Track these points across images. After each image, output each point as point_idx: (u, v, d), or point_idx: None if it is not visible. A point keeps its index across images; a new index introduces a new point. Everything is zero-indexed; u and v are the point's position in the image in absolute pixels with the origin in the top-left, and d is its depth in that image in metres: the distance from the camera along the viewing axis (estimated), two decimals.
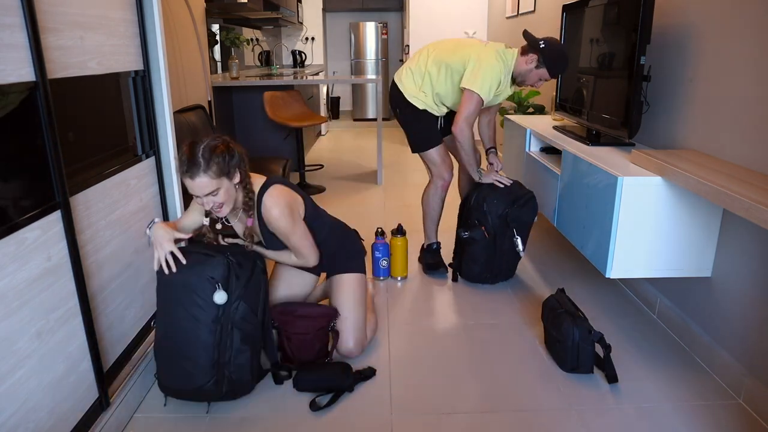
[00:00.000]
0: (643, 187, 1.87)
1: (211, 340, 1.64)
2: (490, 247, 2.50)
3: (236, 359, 1.70)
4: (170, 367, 1.69)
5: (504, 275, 2.62)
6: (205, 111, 3.43)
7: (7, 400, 1.20)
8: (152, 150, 1.98)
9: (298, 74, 5.34)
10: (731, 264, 1.84)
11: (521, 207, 2.45)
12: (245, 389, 1.77)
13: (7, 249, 1.19)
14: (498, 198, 2.46)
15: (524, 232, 2.51)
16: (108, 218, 1.66)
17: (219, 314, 1.65)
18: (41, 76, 1.29)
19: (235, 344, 1.69)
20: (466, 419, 1.70)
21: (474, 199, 2.53)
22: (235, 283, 1.66)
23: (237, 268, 1.67)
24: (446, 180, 2.63)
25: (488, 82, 2.32)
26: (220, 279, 1.63)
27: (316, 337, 1.91)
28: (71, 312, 1.44)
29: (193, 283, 1.63)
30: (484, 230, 2.48)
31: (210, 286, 1.62)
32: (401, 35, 8.41)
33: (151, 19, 1.91)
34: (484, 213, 2.47)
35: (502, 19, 5.42)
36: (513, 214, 2.44)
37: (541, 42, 2.32)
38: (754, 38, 1.70)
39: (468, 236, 2.51)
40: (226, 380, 1.68)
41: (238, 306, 1.68)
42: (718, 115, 1.88)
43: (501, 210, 2.45)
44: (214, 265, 1.64)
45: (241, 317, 1.69)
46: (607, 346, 1.85)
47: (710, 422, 1.67)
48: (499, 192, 2.48)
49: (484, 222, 2.48)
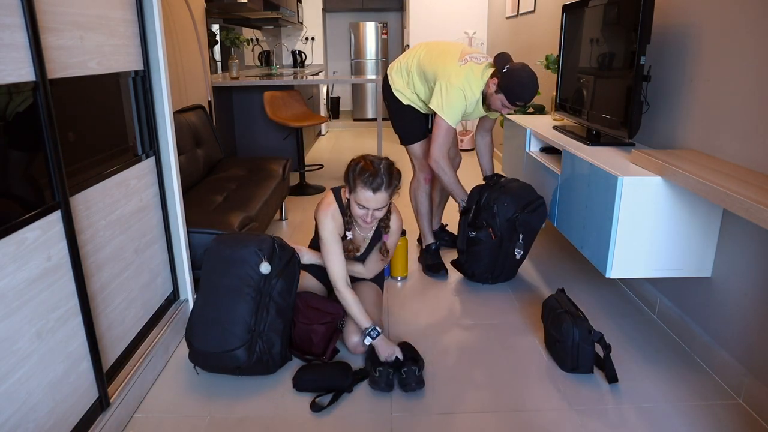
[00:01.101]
0: (643, 187, 1.87)
1: (251, 306, 1.82)
2: (495, 250, 2.48)
3: (269, 331, 1.85)
4: (207, 330, 1.83)
5: (505, 277, 2.62)
6: (205, 111, 3.43)
7: (7, 400, 1.20)
8: (152, 150, 1.98)
9: (298, 74, 5.34)
10: (731, 264, 1.84)
11: (531, 212, 2.41)
12: (270, 367, 1.88)
13: (7, 249, 1.19)
14: (509, 201, 2.41)
15: (530, 238, 2.48)
16: (108, 218, 1.66)
17: (261, 285, 1.84)
18: (41, 76, 1.29)
19: (270, 315, 1.86)
20: (466, 419, 1.70)
21: (485, 198, 2.49)
22: (277, 260, 1.88)
23: (280, 249, 1.91)
24: (428, 174, 2.68)
25: (453, 108, 2.37)
26: (266, 252, 1.85)
27: (314, 330, 1.94)
28: (71, 312, 1.44)
29: (244, 255, 1.85)
30: (491, 232, 2.44)
31: (257, 258, 1.84)
32: (401, 35, 8.41)
33: (151, 19, 1.91)
34: (493, 214, 2.43)
35: (502, 19, 5.42)
36: (522, 218, 2.39)
37: (505, 67, 2.28)
38: (754, 38, 1.70)
39: (475, 236, 2.49)
40: (256, 349, 1.83)
41: (277, 282, 1.87)
42: (718, 115, 1.88)
43: (511, 213, 2.40)
44: (262, 240, 1.88)
45: (279, 292, 1.88)
46: (607, 346, 1.85)
47: (710, 422, 1.67)
48: (510, 194, 2.43)
49: (491, 223, 2.44)
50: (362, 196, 1.83)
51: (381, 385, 1.79)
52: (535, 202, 2.44)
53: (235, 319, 1.80)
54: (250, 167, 3.30)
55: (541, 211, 2.45)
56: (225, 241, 1.93)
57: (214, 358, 1.81)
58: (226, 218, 2.39)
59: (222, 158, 3.47)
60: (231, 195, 2.78)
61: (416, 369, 1.79)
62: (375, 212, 1.86)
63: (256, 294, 1.83)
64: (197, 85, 3.60)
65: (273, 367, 1.89)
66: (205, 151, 3.19)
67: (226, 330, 1.79)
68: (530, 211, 2.41)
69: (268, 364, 1.86)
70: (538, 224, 2.45)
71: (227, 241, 1.92)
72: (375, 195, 1.81)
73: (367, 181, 1.80)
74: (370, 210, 1.85)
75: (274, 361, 1.88)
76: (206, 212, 2.47)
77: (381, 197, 1.83)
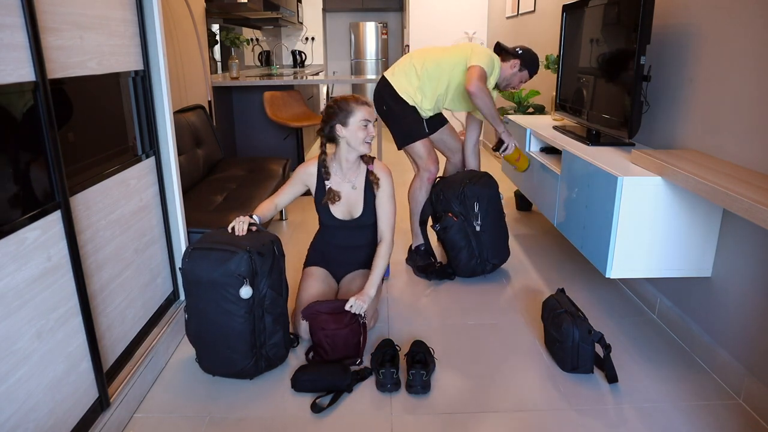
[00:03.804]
0: (643, 187, 1.87)
1: (247, 328, 1.78)
2: (464, 229, 2.59)
3: (270, 339, 1.86)
4: (210, 354, 1.85)
5: (496, 256, 2.63)
6: (205, 111, 3.43)
7: (7, 400, 1.20)
8: (152, 150, 1.98)
9: (298, 74, 5.34)
10: (731, 264, 1.84)
11: (475, 183, 2.58)
12: (281, 359, 1.94)
13: (7, 249, 1.19)
14: (451, 184, 2.62)
15: (493, 205, 2.61)
16: (108, 218, 1.66)
17: (251, 304, 1.77)
18: (41, 76, 1.29)
19: (268, 327, 1.84)
20: (466, 419, 1.70)
21: (433, 197, 2.69)
22: (259, 275, 1.78)
23: (259, 260, 1.77)
24: (432, 172, 2.73)
25: (487, 60, 2.53)
26: (246, 274, 1.73)
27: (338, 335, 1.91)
28: (71, 312, 1.44)
29: (220, 280, 1.73)
30: (451, 216, 2.58)
31: (237, 281, 1.73)
32: (401, 35, 8.41)
33: (151, 19, 1.91)
34: (443, 200, 2.62)
35: (502, 19, 5.42)
36: (469, 190, 2.57)
37: (517, 49, 2.66)
38: (754, 38, 1.70)
39: (440, 227, 2.61)
40: (263, 359, 1.86)
41: (266, 293, 1.81)
42: (718, 115, 1.88)
43: (457, 190, 2.58)
44: (238, 262, 1.73)
45: (270, 302, 1.83)
46: (607, 346, 1.85)
47: (710, 422, 1.67)
48: (450, 180, 2.66)
49: (448, 208, 2.60)
50: (364, 112, 2.06)
51: (387, 386, 1.80)
52: (477, 175, 2.64)
53: (236, 344, 1.79)
54: (250, 167, 3.30)
55: (487, 180, 2.62)
56: (197, 262, 1.75)
57: (226, 374, 1.88)
58: (226, 218, 2.38)
59: (222, 158, 3.47)
60: (231, 195, 2.78)
61: (424, 373, 1.79)
62: (371, 125, 2.09)
63: (247, 313, 1.77)
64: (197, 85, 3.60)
65: (285, 358, 1.95)
66: (205, 151, 3.19)
67: (229, 353, 1.80)
68: (474, 182, 2.58)
69: (280, 359, 1.93)
70: (490, 190, 2.61)
71: (200, 262, 1.75)
72: (369, 107, 2.10)
73: (358, 100, 2.07)
74: (371, 122, 2.08)
75: (281, 355, 1.93)
76: (206, 212, 2.47)
77: (372, 108, 2.12)
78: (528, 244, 3.08)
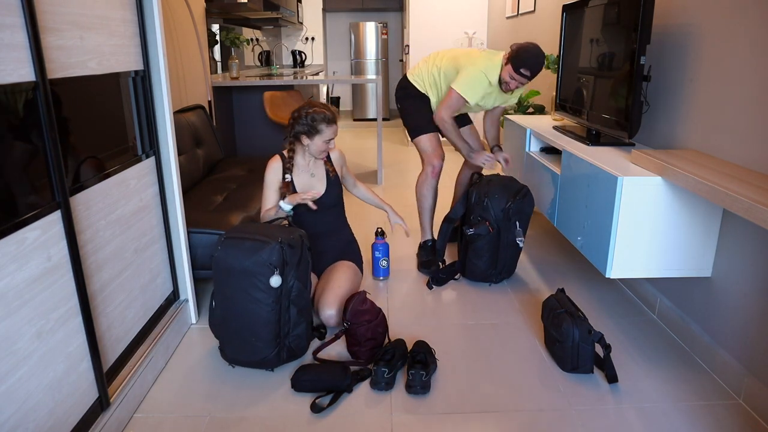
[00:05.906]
0: (643, 187, 1.87)
1: (273, 317, 1.84)
2: (495, 242, 2.54)
3: (294, 330, 1.91)
4: (235, 342, 1.89)
5: (507, 271, 2.63)
6: (205, 111, 3.43)
7: (7, 400, 1.20)
8: (152, 150, 1.98)
9: (298, 74, 5.33)
10: (731, 264, 1.84)
11: (521, 199, 2.52)
12: (302, 351, 1.99)
13: (7, 249, 1.19)
14: (499, 193, 2.52)
15: (525, 223, 2.57)
16: (108, 218, 1.66)
17: (279, 294, 1.83)
18: (41, 76, 1.29)
19: (292, 318, 1.90)
20: (467, 419, 1.70)
21: (474, 196, 2.58)
22: (289, 265, 1.84)
23: (289, 251, 1.84)
24: (435, 167, 2.76)
25: (469, 85, 2.56)
26: (276, 264, 1.79)
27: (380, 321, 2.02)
28: (71, 312, 1.44)
29: (252, 268, 1.79)
30: (488, 225, 2.52)
31: (268, 271, 1.79)
32: (401, 35, 8.41)
33: (151, 19, 1.91)
34: (485, 208, 2.53)
35: (502, 19, 5.42)
36: (515, 207, 2.50)
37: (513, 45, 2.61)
38: (754, 38, 1.70)
39: (473, 233, 2.54)
40: (285, 349, 1.91)
41: (293, 285, 1.87)
42: (718, 115, 1.88)
43: (504, 204, 2.50)
44: (270, 251, 1.79)
45: (296, 294, 1.88)
46: (607, 346, 1.85)
47: (710, 422, 1.67)
48: (498, 187, 2.55)
49: (487, 217, 2.53)
50: (330, 132, 2.21)
51: (381, 385, 1.80)
52: (522, 190, 2.56)
53: (261, 332, 1.84)
54: (250, 167, 3.30)
55: (530, 198, 2.57)
56: (230, 251, 1.83)
57: (248, 363, 1.93)
58: (226, 218, 2.39)
59: (222, 158, 3.47)
60: (231, 195, 2.78)
61: (424, 374, 1.79)
62: (332, 143, 2.26)
63: (274, 303, 1.83)
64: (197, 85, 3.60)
65: (304, 350, 2.00)
66: (205, 151, 3.19)
67: (254, 341, 1.85)
68: (520, 198, 2.52)
69: (301, 351, 1.98)
70: (529, 209, 2.56)
71: (232, 251, 1.82)
72: (336, 125, 2.23)
73: (327, 119, 2.19)
74: (333, 139, 2.23)
75: (303, 347, 1.98)
76: (206, 212, 2.47)
77: (337, 126, 2.25)
78: (528, 244, 3.08)
